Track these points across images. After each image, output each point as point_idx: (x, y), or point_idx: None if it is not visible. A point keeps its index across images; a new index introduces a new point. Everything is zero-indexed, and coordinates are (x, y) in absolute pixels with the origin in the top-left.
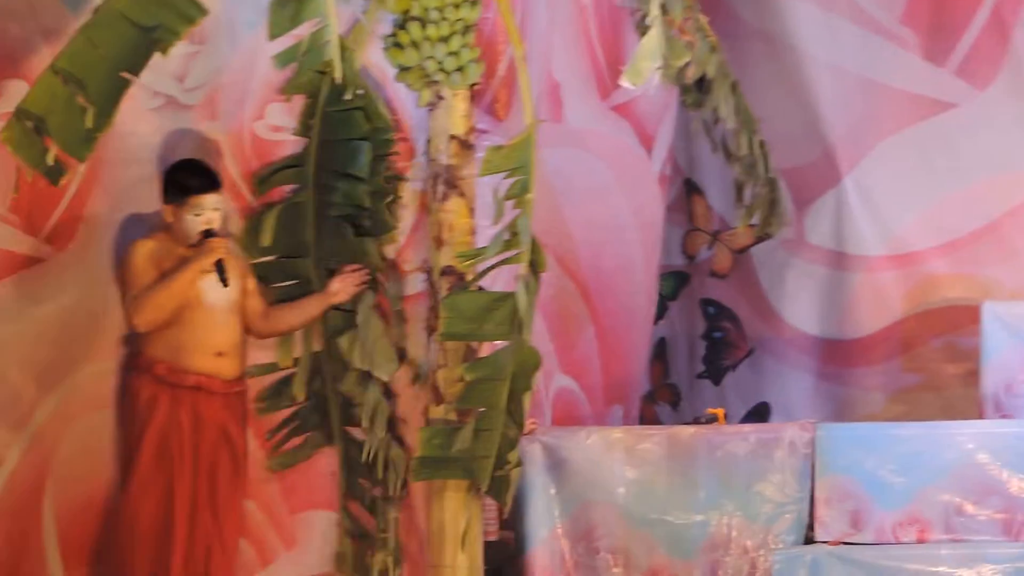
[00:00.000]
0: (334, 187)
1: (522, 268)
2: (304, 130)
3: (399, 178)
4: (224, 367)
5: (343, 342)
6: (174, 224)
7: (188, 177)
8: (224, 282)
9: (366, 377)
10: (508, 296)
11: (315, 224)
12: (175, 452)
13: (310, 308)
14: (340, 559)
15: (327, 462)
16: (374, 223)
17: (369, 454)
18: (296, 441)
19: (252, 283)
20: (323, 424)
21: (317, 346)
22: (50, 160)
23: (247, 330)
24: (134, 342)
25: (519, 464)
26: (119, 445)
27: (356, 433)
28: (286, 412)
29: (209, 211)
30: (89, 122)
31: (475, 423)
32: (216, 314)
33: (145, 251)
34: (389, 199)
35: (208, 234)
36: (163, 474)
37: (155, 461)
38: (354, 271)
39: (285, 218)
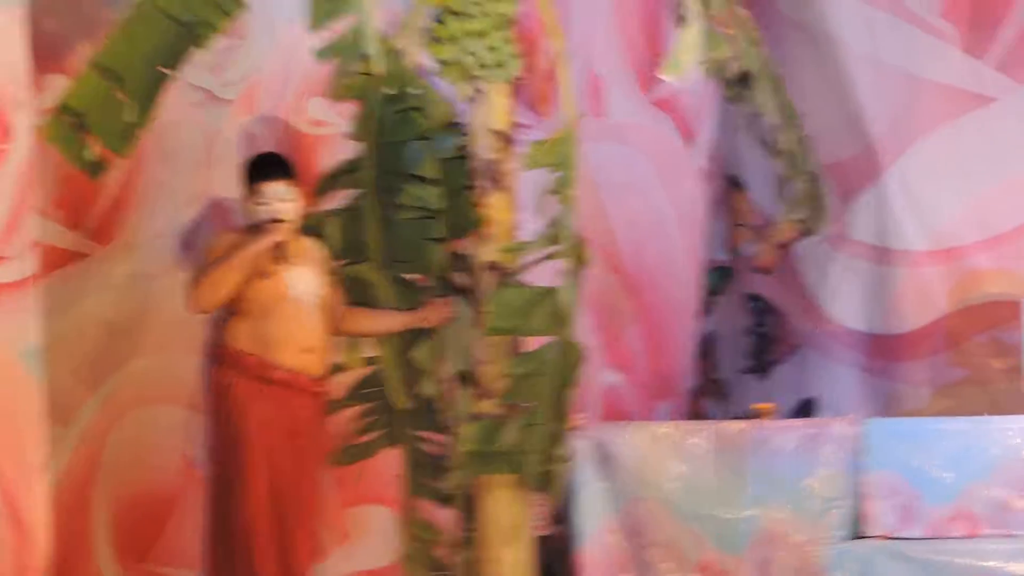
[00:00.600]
0: (398, 189)
1: (566, 263)
2: (360, 134)
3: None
4: (311, 363)
5: (420, 351)
6: (246, 210)
7: (257, 166)
8: (277, 261)
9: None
10: (552, 291)
11: (379, 227)
12: (275, 447)
13: (389, 322)
14: (408, 559)
15: (381, 458)
16: (457, 223)
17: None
18: (363, 439)
19: (331, 280)
20: (390, 425)
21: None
22: (91, 156)
23: None
24: (220, 335)
25: (566, 459)
26: (212, 439)
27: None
28: (355, 411)
29: (274, 200)
30: (129, 117)
31: (521, 418)
32: (303, 309)
33: (224, 241)
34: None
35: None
36: (267, 469)
37: (258, 456)
38: (446, 303)
39: (346, 223)
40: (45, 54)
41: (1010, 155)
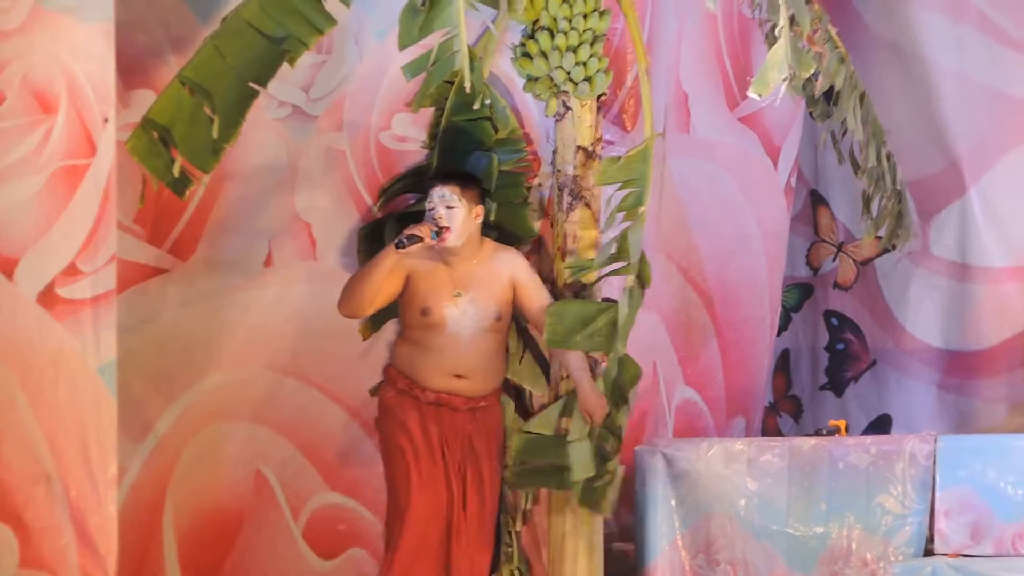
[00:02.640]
0: None
1: (629, 280)
2: (429, 140)
3: (530, 189)
4: (464, 388)
5: None
6: None
7: (436, 171)
8: (397, 245)
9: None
10: (610, 307)
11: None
12: (425, 458)
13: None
14: None
15: None
16: (505, 234)
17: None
18: None
19: (534, 288)
20: None
21: None
22: (176, 171)
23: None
24: (390, 354)
25: (617, 476)
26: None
27: None
28: None
29: (439, 204)
30: (215, 133)
31: (571, 434)
32: (459, 339)
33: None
34: (526, 210)
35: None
36: (416, 483)
37: (408, 471)
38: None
39: (404, 226)
40: (132, 69)
41: None
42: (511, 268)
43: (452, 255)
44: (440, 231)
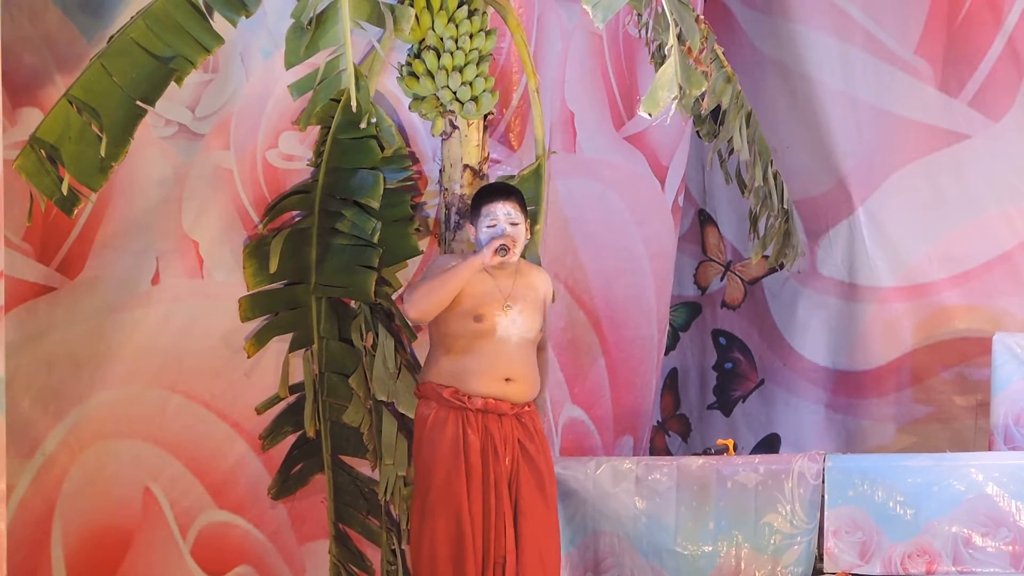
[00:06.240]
0: (340, 214)
1: None
2: (316, 157)
3: (415, 207)
4: (512, 392)
5: (354, 376)
6: (476, 240)
7: (486, 190)
8: (502, 251)
9: (380, 408)
10: None
11: (318, 249)
12: (464, 470)
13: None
14: None
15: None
16: (389, 252)
17: (386, 489)
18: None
19: (548, 313)
20: (317, 452)
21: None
22: (64, 190)
23: None
24: (424, 373)
25: None
26: (415, 472)
27: (349, 462)
28: (290, 441)
29: (504, 221)
30: (103, 151)
31: None
32: (508, 345)
33: (443, 260)
34: (411, 228)
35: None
36: (454, 494)
37: (446, 481)
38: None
39: (290, 244)
40: (18, 87)
41: (981, 192)
42: (545, 287)
43: (498, 268)
44: (506, 248)
